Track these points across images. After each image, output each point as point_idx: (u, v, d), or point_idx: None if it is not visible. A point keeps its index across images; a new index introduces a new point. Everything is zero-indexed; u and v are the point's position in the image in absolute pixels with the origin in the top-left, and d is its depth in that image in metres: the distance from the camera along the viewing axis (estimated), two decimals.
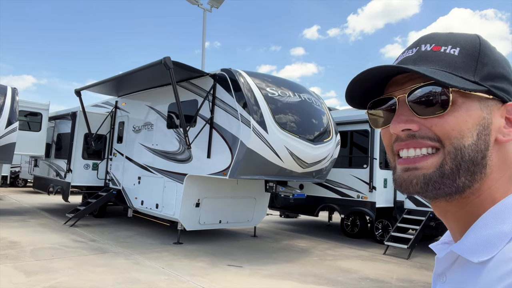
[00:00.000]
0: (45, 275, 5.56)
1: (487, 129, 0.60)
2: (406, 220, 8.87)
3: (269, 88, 7.61)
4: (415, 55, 0.65)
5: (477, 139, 0.59)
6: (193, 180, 8.18)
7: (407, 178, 0.62)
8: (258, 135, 7.02)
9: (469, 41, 0.64)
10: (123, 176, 10.45)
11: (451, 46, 0.63)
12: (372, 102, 0.69)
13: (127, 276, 5.78)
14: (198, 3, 15.94)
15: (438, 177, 0.60)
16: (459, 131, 0.59)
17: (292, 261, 7.29)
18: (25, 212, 11.72)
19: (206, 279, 5.82)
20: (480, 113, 0.60)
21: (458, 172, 0.59)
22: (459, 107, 0.60)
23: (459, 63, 0.61)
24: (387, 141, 0.68)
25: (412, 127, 0.61)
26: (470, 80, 0.60)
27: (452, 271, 0.63)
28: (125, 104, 10.90)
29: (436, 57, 0.63)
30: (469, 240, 0.59)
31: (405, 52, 0.68)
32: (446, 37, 0.65)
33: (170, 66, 7.24)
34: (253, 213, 9.37)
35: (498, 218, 0.58)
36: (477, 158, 0.59)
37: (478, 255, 0.57)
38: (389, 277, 6.55)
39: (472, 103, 0.60)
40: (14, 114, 10.04)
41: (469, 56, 0.62)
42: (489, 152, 0.60)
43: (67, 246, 7.48)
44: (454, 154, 0.59)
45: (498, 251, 0.55)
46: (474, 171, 0.60)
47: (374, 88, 0.69)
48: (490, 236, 0.57)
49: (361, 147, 9.96)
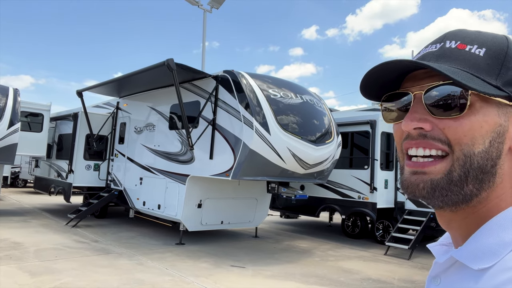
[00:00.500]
0: (50, 276, 5.59)
1: (501, 137, 0.58)
2: (406, 221, 8.92)
3: (271, 89, 7.65)
4: (439, 51, 0.63)
5: (489, 147, 0.57)
6: (195, 181, 8.22)
7: (414, 181, 0.61)
8: (261, 137, 7.06)
9: (496, 43, 0.61)
10: (125, 177, 10.48)
11: (477, 45, 0.61)
12: (387, 95, 0.67)
13: (131, 277, 5.81)
14: (198, 4, 15.95)
15: (446, 184, 0.58)
16: (471, 137, 0.57)
17: (294, 262, 7.34)
18: (26, 213, 11.74)
19: (210, 280, 5.85)
20: (497, 119, 0.58)
21: (466, 179, 0.58)
22: (476, 111, 0.57)
23: (482, 65, 0.59)
24: (398, 138, 0.66)
25: (425, 126, 0.60)
26: (492, 84, 0.57)
27: (447, 275, 0.62)
28: (127, 105, 10.93)
29: (460, 56, 0.60)
30: (471, 247, 0.58)
31: (429, 47, 0.65)
32: (473, 36, 0.62)
33: (173, 68, 7.28)
34: (255, 213, 9.41)
35: (503, 227, 0.57)
36: (487, 166, 0.57)
37: (479, 262, 0.56)
38: (391, 277, 6.60)
39: (490, 108, 0.58)
40: (16, 115, 10.06)
41: (494, 58, 0.59)
42: (501, 160, 0.58)
43: (70, 247, 7.51)
44: (463, 161, 0.57)
45: (499, 260, 0.54)
46: (482, 179, 0.58)
47: (391, 81, 0.66)
48: (493, 244, 0.56)
49: (362, 148, 10.00)
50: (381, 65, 0.62)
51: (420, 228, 8.39)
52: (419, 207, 8.92)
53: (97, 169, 11.27)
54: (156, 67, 7.68)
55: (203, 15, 16.16)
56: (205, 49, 16.00)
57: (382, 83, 0.66)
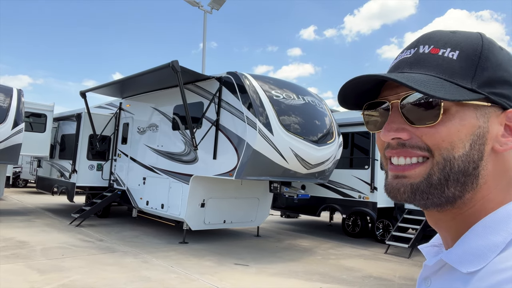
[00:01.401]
0: (58, 274, 5.70)
1: (482, 139, 0.58)
2: (406, 220, 9.06)
3: (273, 90, 7.78)
4: (412, 58, 0.62)
5: (470, 149, 0.57)
6: (198, 180, 8.34)
7: (395, 185, 0.61)
8: (264, 137, 7.19)
9: (470, 43, 0.60)
10: (128, 177, 10.59)
11: (450, 48, 0.60)
12: (367, 105, 0.67)
13: (137, 274, 5.93)
14: (198, 5, 16.03)
15: (426, 187, 0.58)
16: (450, 142, 0.57)
17: (296, 260, 7.47)
18: (29, 213, 11.83)
19: (215, 277, 5.98)
20: (475, 122, 0.57)
21: (447, 183, 0.58)
22: (452, 116, 0.57)
23: (456, 68, 0.58)
24: (380, 146, 0.66)
25: (403, 136, 0.59)
26: (466, 88, 0.57)
27: (437, 276, 0.62)
28: (130, 106, 11.04)
29: (433, 61, 0.60)
30: (459, 250, 0.58)
31: (404, 53, 0.65)
32: (447, 38, 0.62)
33: (177, 70, 7.40)
34: (257, 213, 9.54)
35: (490, 229, 0.56)
36: (468, 169, 0.57)
37: (467, 265, 0.55)
38: (392, 275, 6.74)
39: (467, 112, 0.57)
40: (20, 116, 10.16)
41: (468, 60, 0.58)
42: (483, 162, 0.58)
43: (76, 246, 7.62)
44: (442, 165, 0.57)
45: (488, 263, 0.54)
46: (464, 181, 0.58)
47: (369, 90, 0.66)
48: (481, 247, 0.55)
49: (362, 149, 10.14)
50: (354, 79, 0.63)
51: (420, 227, 8.53)
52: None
53: (100, 169, 11.37)
54: (161, 69, 7.80)
55: (204, 16, 16.23)
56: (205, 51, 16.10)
57: (359, 92, 0.67)
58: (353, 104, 0.70)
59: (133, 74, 8.82)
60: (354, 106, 0.70)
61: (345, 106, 0.71)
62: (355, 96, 0.68)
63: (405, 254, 8.34)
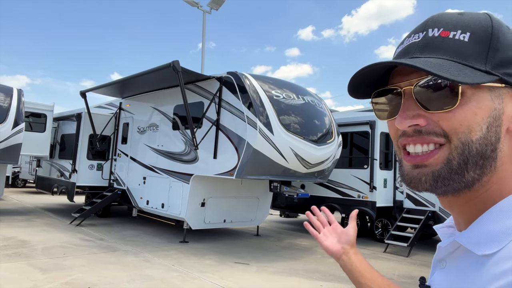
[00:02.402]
0: (60, 272, 5.73)
1: (498, 120, 0.57)
2: (405, 219, 9.12)
3: (273, 90, 7.83)
4: (422, 42, 0.61)
5: (487, 132, 0.56)
6: (198, 180, 8.38)
7: (416, 175, 0.60)
8: (264, 137, 7.23)
9: (480, 24, 0.59)
10: (128, 177, 10.62)
11: (461, 30, 0.58)
12: (377, 92, 0.66)
13: (139, 273, 5.97)
14: (198, 5, 16.06)
15: (447, 173, 0.58)
16: (467, 126, 0.56)
17: (296, 259, 7.52)
18: (29, 212, 11.85)
19: (216, 276, 6.02)
20: (491, 104, 0.57)
21: (466, 166, 0.57)
22: (468, 100, 0.56)
23: (469, 51, 0.57)
24: (393, 134, 0.65)
25: (420, 122, 0.59)
26: (481, 70, 0.56)
27: (453, 258, 0.62)
28: (130, 106, 11.07)
29: (444, 44, 0.58)
30: (474, 232, 0.58)
31: (411, 37, 0.63)
32: (456, 20, 0.60)
33: (178, 70, 7.44)
34: (256, 212, 9.58)
35: (505, 213, 0.56)
36: (487, 152, 0.57)
37: (482, 248, 0.55)
38: (391, 273, 6.80)
39: (482, 94, 0.56)
40: (21, 115, 10.18)
41: (481, 42, 0.57)
42: (500, 143, 0.57)
43: (77, 245, 7.65)
44: (461, 149, 0.57)
45: (503, 246, 0.53)
46: (483, 164, 0.57)
47: (378, 79, 0.65)
48: (496, 231, 0.55)
49: (361, 148, 10.20)
50: (366, 68, 0.62)
51: (419, 226, 8.59)
52: (417, 206, 9.13)
53: (100, 168, 11.40)
54: (161, 69, 7.84)
55: (203, 16, 16.26)
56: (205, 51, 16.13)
57: (370, 81, 0.66)
58: (364, 94, 0.69)
59: (133, 74, 8.86)
60: (364, 95, 0.69)
61: (355, 96, 0.70)
62: (365, 85, 0.67)
63: (404, 253, 8.40)
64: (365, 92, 0.69)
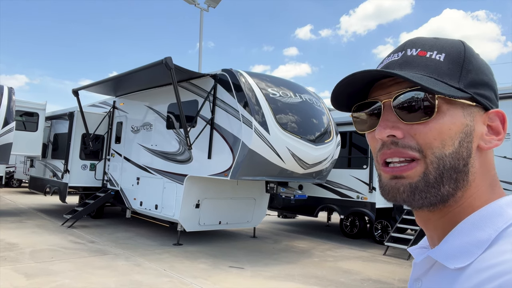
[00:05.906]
0: (46, 278, 5.49)
1: (469, 136, 0.60)
2: (405, 221, 8.88)
3: (270, 88, 7.58)
4: (401, 59, 0.64)
5: (459, 147, 0.60)
6: (193, 181, 8.13)
7: (394, 185, 0.62)
8: (260, 136, 6.99)
9: (454, 47, 0.64)
10: (122, 177, 10.37)
11: (437, 51, 0.63)
12: (357, 106, 0.69)
13: (128, 278, 5.72)
14: (195, 3, 15.83)
15: (424, 186, 0.60)
16: (441, 140, 0.59)
17: (293, 263, 7.28)
18: (21, 213, 11.60)
19: (208, 281, 5.78)
20: (464, 120, 0.60)
21: (442, 180, 0.59)
22: (443, 114, 0.59)
23: (444, 69, 0.61)
24: (373, 147, 0.67)
25: (397, 134, 0.61)
26: (455, 87, 0.60)
27: (428, 276, 0.63)
28: (123, 104, 10.82)
29: (421, 62, 0.62)
30: (446, 246, 0.59)
31: (391, 56, 0.67)
32: (432, 42, 0.65)
33: (171, 67, 7.19)
34: (253, 214, 9.34)
35: (476, 226, 0.58)
36: (459, 166, 0.60)
37: (454, 261, 0.57)
38: (391, 278, 6.56)
39: (456, 110, 0.60)
40: (11, 114, 9.93)
41: (454, 62, 0.62)
42: (472, 159, 0.61)
43: (66, 248, 7.40)
44: (436, 164, 0.59)
45: (475, 259, 0.55)
46: (456, 178, 0.60)
47: (359, 91, 0.68)
48: (467, 244, 0.57)
49: (360, 148, 9.97)
50: (349, 77, 0.64)
51: (419, 228, 8.35)
52: None
53: (93, 169, 11.15)
54: (154, 66, 7.59)
55: (200, 14, 16.04)
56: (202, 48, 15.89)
57: (349, 93, 0.68)
58: (345, 106, 0.71)
59: (126, 72, 8.60)
60: (346, 107, 0.71)
61: (337, 107, 0.71)
62: (347, 96, 0.69)
63: (404, 256, 8.16)
64: (346, 104, 0.70)
